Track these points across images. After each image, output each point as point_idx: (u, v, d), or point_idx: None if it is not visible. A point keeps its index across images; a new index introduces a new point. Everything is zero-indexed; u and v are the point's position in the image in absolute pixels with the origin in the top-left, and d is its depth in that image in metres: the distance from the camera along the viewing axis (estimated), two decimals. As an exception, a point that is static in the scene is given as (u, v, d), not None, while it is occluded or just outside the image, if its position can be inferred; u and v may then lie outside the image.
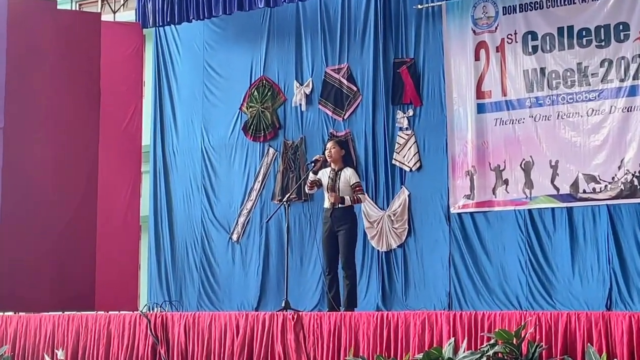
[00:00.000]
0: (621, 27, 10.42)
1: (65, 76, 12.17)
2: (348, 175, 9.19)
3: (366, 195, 11.00)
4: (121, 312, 8.55)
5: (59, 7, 12.73)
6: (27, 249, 11.49)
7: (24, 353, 8.16)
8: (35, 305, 9.95)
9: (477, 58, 11.29)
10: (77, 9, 13.59)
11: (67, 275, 11.76)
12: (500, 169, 11.03)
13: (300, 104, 12.40)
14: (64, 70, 12.17)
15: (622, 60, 10.39)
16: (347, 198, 9.15)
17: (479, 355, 5.96)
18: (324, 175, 9.28)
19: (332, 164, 9.29)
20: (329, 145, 9.61)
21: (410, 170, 11.59)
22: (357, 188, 9.28)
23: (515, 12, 11.06)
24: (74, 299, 11.11)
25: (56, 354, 7.81)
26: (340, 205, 9.11)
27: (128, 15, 13.65)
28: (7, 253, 11.38)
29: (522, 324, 6.03)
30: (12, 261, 11.37)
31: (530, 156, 10.85)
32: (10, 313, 9.03)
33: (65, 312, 8.53)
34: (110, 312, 8.47)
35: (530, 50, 10.96)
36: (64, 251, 11.83)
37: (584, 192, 10.52)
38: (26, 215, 11.57)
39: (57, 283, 11.61)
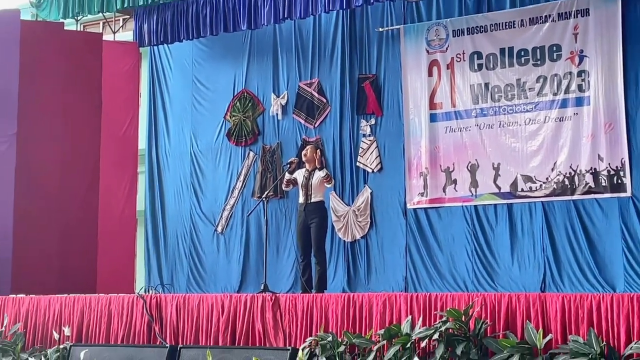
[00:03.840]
0: (554, 48, 10.51)
1: (71, 89, 12.13)
2: (320, 175, 9.16)
3: (333, 193, 11.13)
4: (120, 294, 8.48)
5: (65, 28, 12.70)
6: (36, 239, 11.47)
7: (35, 330, 8.09)
8: (44, 288, 9.86)
9: (430, 74, 11.31)
10: (82, 29, 13.46)
11: (71, 261, 11.73)
12: (450, 170, 11.06)
13: (277, 114, 12.38)
14: (70, 84, 12.13)
15: (555, 77, 10.48)
16: (316, 194, 9.17)
17: (433, 330, 5.97)
18: (299, 174, 9.27)
19: (306, 165, 9.26)
20: (307, 148, 9.62)
21: (372, 171, 11.61)
22: (328, 177, 9.31)
23: (464, 35, 11.09)
24: (78, 283, 11.03)
25: (63, 331, 7.74)
26: (312, 201, 9.10)
27: (126, 35, 13.56)
28: (19, 242, 11.36)
29: (470, 303, 6.06)
30: (23, 249, 11.35)
31: (476, 159, 10.89)
32: (23, 295, 8.92)
33: (71, 295, 8.45)
34: (110, 294, 8.40)
35: (476, 67, 11.00)
36: (69, 240, 11.81)
37: (522, 190, 10.58)
38: (36, 210, 11.53)
39: (63, 269, 11.57)
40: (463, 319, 5.93)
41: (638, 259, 9.76)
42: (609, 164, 10.09)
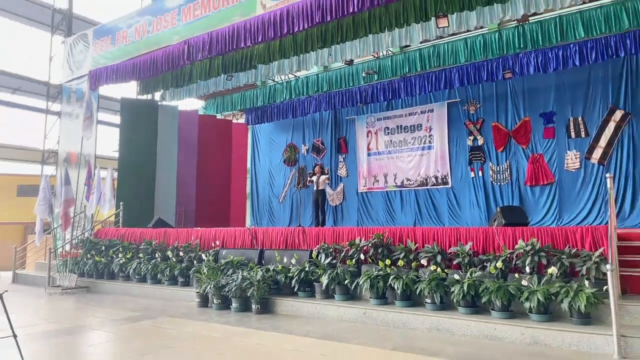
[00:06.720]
0: (420, 125, 10.50)
1: (219, 143, 12.14)
2: (323, 177, 9.14)
3: (328, 186, 11.10)
4: (239, 227, 8.46)
5: (217, 117, 12.69)
6: (206, 205, 11.44)
7: (203, 242, 8.06)
8: (208, 224, 9.88)
9: (367, 136, 11.27)
10: (223, 117, 13.47)
11: (219, 213, 11.72)
12: (376, 176, 11.02)
13: (304, 153, 12.33)
14: (218, 141, 12.13)
15: (420, 137, 10.46)
16: (321, 186, 9.13)
17: (369, 243, 5.96)
18: (314, 178, 9.21)
19: (317, 174, 9.24)
20: (317, 167, 9.64)
21: (344, 176, 11.56)
22: (327, 178, 9.26)
23: (382, 120, 11.07)
24: (222, 222, 11.08)
25: (216, 242, 7.73)
26: (319, 189, 9.08)
27: (242, 120, 13.60)
28: (198, 206, 11.31)
29: (384, 232, 6.07)
30: (200, 208, 11.31)
31: (387, 172, 10.85)
32: (199, 228, 8.93)
33: (219, 227, 8.44)
34: (235, 227, 8.37)
35: (386, 134, 10.95)
36: (218, 204, 11.79)
37: (405, 185, 10.56)
38: (205, 191, 11.51)
39: (216, 216, 11.52)
40: (381, 237, 5.95)
41: (454, 212, 9.80)
42: (442, 173, 10.09)
